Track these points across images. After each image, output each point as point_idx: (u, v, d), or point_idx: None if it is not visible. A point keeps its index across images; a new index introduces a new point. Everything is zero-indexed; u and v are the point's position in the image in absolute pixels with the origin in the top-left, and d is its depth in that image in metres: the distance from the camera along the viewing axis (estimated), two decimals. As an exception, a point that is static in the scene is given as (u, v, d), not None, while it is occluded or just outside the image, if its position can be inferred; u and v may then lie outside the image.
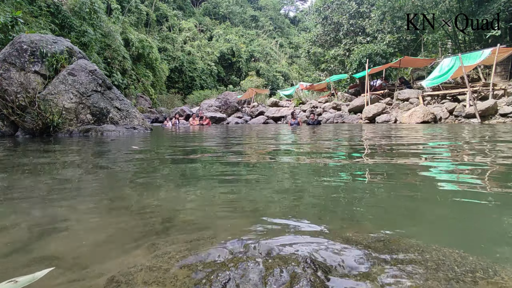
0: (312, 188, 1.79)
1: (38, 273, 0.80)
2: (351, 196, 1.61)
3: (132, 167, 2.67)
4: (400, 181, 1.93)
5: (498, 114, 10.22)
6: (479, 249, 0.98)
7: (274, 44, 47.19)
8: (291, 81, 38.28)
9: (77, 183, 1.98)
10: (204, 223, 1.22)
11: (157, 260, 0.87)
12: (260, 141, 5.27)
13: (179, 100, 29.20)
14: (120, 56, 21.90)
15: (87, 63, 7.86)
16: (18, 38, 7.35)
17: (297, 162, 2.85)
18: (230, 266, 0.81)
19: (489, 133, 5.75)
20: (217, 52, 37.08)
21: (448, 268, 0.81)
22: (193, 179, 2.09)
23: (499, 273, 0.78)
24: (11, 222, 1.26)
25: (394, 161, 2.72)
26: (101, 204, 1.52)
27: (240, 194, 1.68)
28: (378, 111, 13.05)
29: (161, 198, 1.62)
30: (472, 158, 2.85)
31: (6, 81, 6.70)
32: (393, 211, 1.38)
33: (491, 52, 11.40)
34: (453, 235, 1.11)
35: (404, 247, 0.94)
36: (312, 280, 0.72)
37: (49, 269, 0.82)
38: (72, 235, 1.12)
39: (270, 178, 2.12)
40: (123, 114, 7.93)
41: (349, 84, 21.87)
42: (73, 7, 16.61)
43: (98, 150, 4.10)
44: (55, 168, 2.61)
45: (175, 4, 40.97)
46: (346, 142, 4.83)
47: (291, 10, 65.10)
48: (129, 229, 1.17)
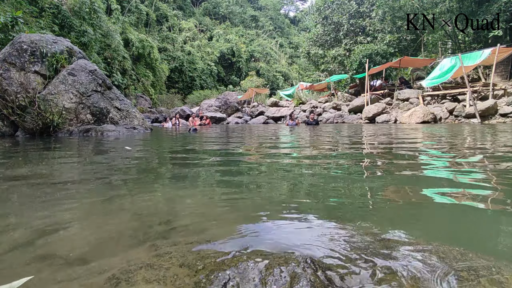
0: (311, 188, 1.79)
1: (15, 282, 0.77)
2: (351, 195, 1.61)
3: (132, 167, 2.67)
4: (401, 181, 1.93)
5: (498, 114, 10.22)
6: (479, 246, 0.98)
7: (274, 44, 47.17)
8: (291, 81, 38.26)
9: (77, 183, 1.98)
10: (204, 223, 1.22)
11: (158, 259, 0.88)
12: (259, 141, 5.27)
13: (179, 100, 29.17)
14: (120, 56, 21.88)
15: (87, 63, 7.86)
16: (18, 38, 7.34)
17: (297, 162, 2.85)
18: (230, 266, 0.81)
19: (489, 133, 5.75)
20: (217, 52, 37.06)
21: (448, 265, 0.81)
22: (193, 179, 2.09)
23: (501, 272, 0.78)
24: (11, 222, 1.26)
25: (393, 160, 2.72)
26: (101, 204, 1.52)
27: (239, 194, 1.68)
28: (378, 111, 13.05)
29: (162, 198, 1.62)
30: (471, 157, 2.85)
31: (6, 81, 6.70)
32: (394, 211, 1.38)
33: (491, 52, 11.40)
34: (452, 234, 1.11)
35: (404, 245, 0.94)
36: (312, 280, 0.72)
37: (28, 278, 0.80)
38: (72, 234, 1.12)
39: (269, 177, 2.12)
40: (123, 114, 7.93)
41: (349, 84, 21.86)
42: (73, 7, 16.60)
43: (98, 150, 4.10)
44: (55, 168, 2.61)
45: (175, 4, 40.94)
46: (345, 141, 4.83)
47: (291, 10, 65.14)
48: (129, 229, 1.17)
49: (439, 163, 2.62)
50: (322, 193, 1.68)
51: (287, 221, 1.21)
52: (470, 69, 13.14)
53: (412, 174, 2.17)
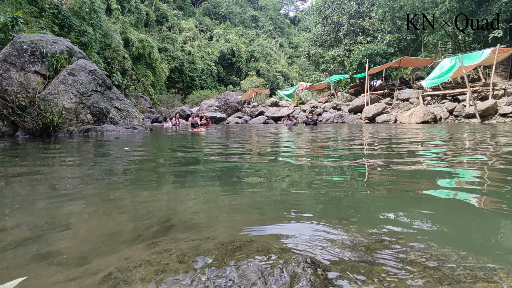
0: (311, 188, 1.79)
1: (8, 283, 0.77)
2: (351, 195, 1.61)
3: (131, 167, 2.67)
4: (401, 181, 1.93)
5: (498, 114, 10.22)
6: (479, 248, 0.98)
7: (274, 44, 47.15)
8: (291, 81, 38.25)
9: (76, 183, 1.98)
10: (204, 222, 1.22)
11: (157, 256, 0.87)
12: (259, 140, 5.26)
13: (179, 100, 29.17)
14: (120, 56, 21.88)
15: (87, 63, 7.86)
16: (18, 38, 7.34)
17: (296, 162, 2.85)
18: (231, 265, 0.81)
19: (489, 133, 5.75)
20: (217, 52, 37.06)
21: (448, 267, 0.81)
22: (192, 179, 2.08)
23: (497, 273, 0.78)
24: (10, 221, 1.26)
25: (393, 160, 2.72)
26: (100, 203, 1.52)
27: (239, 193, 1.68)
28: (378, 111, 13.04)
29: (161, 197, 1.62)
30: (471, 157, 2.85)
31: (6, 81, 6.70)
32: (394, 211, 1.38)
33: (491, 52, 11.40)
34: (452, 234, 1.11)
35: (405, 246, 0.94)
36: (312, 280, 0.72)
37: (21, 279, 0.79)
38: (71, 233, 1.12)
39: (269, 177, 2.12)
40: (123, 114, 7.93)
41: (349, 84, 21.86)
42: (73, 6, 16.60)
43: (98, 150, 4.10)
44: (54, 168, 2.61)
45: (175, 4, 40.93)
46: (343, 142, 4.83)
47: (291, 10, 65.10)
48: (129, 228, 1.17)
49: (439, 163, 2.62)
50: (322, 193, 1.68)
51: (287, 220, 1.21)
52: (470, 69, 13.13)
53: (412, 174, 2.16)
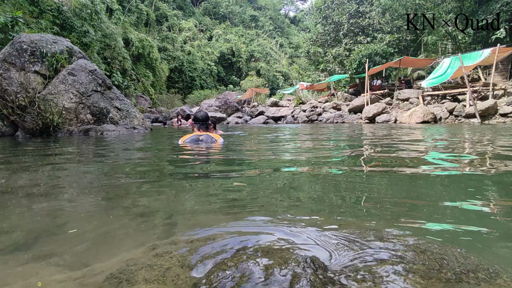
0: (311, 188, 1.79)
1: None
2: (350, 195, 1.61)
3: (131, 167, 2.67)
4: (402, 181, 1.93)
5: (498, 114, 10.22)
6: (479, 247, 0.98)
7: (274, 44, 47.15)
8: (291, 81, 38.25)
9: (76, 183, 1.98)
10: (204, 223, 1.22)
11: (158, 258, 0.87)
12: (258, 140, 5.26)
13: (179, 100, 29.17)
14: (120, 56, 21.88)
15: (87, 63, 7.86)
16: (18, 38, 7.34)
17: (295, 162, 2.85)
18: (230, 266, 0.81)
19: (489, 133, 5.75)
20: (217, 52, 37.06)
21: (449, 266, 0.81)
22: (193, 179, 2.08)
23: (500, 274, 0.78)
24: (12, 221, 1.26)
25: (393, 160, 2.72)
26: (100, 204, 1.52)
27: (240, 193, 1.68)
28: (378, 111, 13.04)
29: (162, 198, 1.62)
30: (471, 157, 2.85)
31: (6, 81, 6.70)
32: (395, 211, 1.38)
33: (491, 52, 11.40)
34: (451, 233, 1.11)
35: (405, 246, 0.94)
36: (312, 280, 0.72)
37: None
38: (72, 234, 1.12)
39: (269, 177, 2.12)
40: (123, 114, 7.93)
41: (349, 84, 21.86)
42: (74, 8, 16.59)
43: (98, 150, 4.10)
44: (55, 168, 2.61)
45: (175, 4, 40.93)
46: (343, 141, 4.83)
47: (291, 10, 65.09)
48: (129, 228, 1.17)
49: (439, 163, 2.62)
50: (322, 192, 1.68)
51: (287, 221, 1.21)
52: (470, 69, 13.13)
53: (413, 174, 2.16)
